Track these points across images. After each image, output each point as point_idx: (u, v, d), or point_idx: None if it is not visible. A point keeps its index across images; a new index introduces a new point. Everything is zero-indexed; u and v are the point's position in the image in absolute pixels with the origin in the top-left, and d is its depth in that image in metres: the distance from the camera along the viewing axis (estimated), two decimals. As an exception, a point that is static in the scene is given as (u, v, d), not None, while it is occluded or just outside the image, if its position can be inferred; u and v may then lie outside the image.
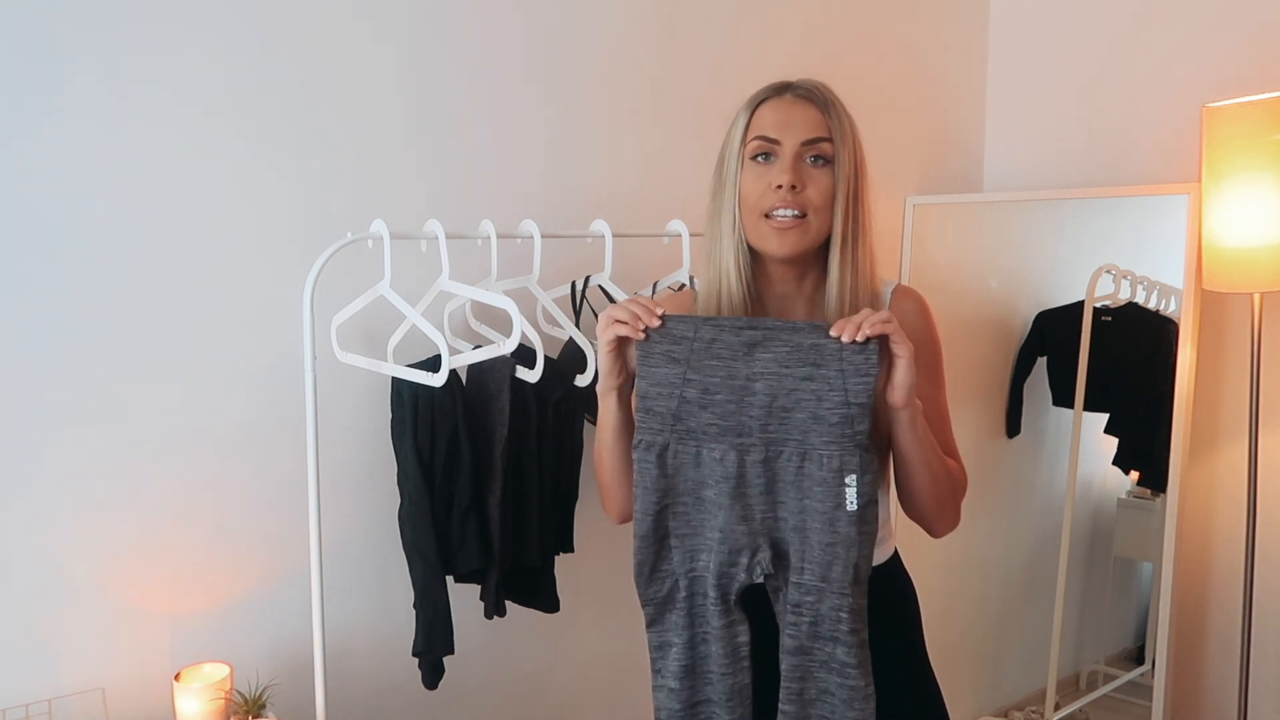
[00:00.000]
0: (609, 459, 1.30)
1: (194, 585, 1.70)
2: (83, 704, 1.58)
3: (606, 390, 1.26)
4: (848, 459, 1.17)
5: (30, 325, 1.53)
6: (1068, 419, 2.56)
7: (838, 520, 1.17)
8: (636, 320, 1.19)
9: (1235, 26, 2.35)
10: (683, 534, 1.23)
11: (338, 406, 1.78)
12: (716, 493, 1.20)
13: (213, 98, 1.65)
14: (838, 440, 1.17)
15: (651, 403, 1.21)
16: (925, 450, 1.25)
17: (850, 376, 1.16)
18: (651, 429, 1.21)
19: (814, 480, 1.18)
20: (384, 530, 1.82)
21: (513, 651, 2.06)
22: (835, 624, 1.18)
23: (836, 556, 1.17)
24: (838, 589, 1.18)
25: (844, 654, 1.19)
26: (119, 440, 1.61)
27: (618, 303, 1.22)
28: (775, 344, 1.19)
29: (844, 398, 1.17)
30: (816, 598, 1.19)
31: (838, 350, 1.17)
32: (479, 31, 1.92)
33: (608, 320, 1.21)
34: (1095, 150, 2.59)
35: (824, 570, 1.18)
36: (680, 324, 1.21)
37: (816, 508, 1.17)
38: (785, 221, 1.23)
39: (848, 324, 1.16)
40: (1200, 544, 2.44)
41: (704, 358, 1.20)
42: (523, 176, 1.99)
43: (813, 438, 1.18)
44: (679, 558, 1.23)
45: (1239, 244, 2.03)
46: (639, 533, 1.22)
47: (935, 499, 1.29)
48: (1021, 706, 2.66)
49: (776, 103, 1.25)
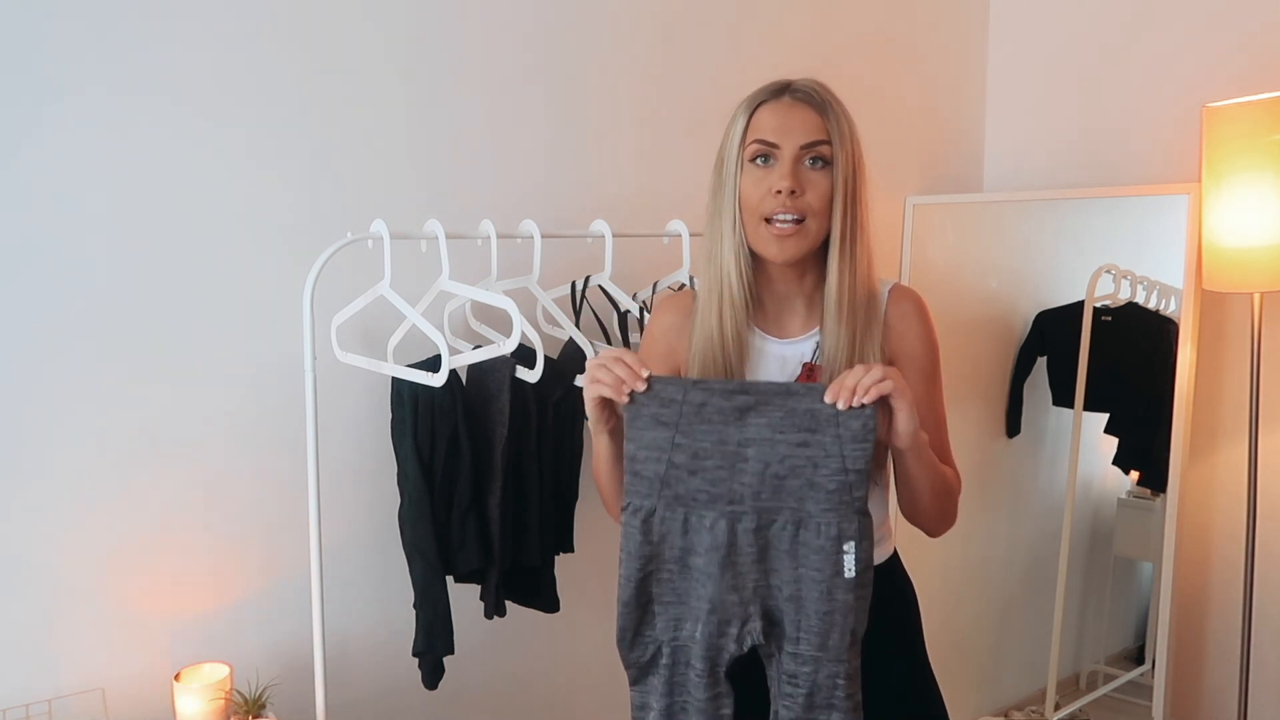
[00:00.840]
0: (607, 481, 1.31)
1: (194, 585, 1.70)
2: (83, 704, 1.58)
3: (597, 433, 1.25)
4: (846, 526, 1.14)
5: (30, 325, 1.53)
6: (1068, 419, 2.56)
7: (836, 588, 1.14)
8: (620, 385, 1.17)
9: (1235, 26, 2.35)
10: (667, 601, 1.20)
11: (338, 406, 1.78)
12: (706, 561, 1.17)
13: (213, 98, 1.65)
14: (836, 508, 1.14)
15: (639, 466, 1.18)
16: (929, 475, 1.25)
17: (847, 443, 1.14)
18: (639, 493, 1.19)
19: (811, 549, 1.15)
20: (384, 530, 1.82)
21: (513, 651, 2.06)
22: (831, 691, 1.16)
23: (834, 624, 1.15)
24: (835, 656, 1.15)
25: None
26: (119, 440, 1.61)
27: (604, 357, 1.19)
28: (768, 409, 1.16)
29: (841, 464, 1.14)
30: (813, 668, 1.16)
31: (833, 415, 1.14)
32: (479, 32, 1.92)
33: (591, 377, 1.19)
34: (1095, 150, 2.59)
35: (821, 639, 1.15)
36: (669, 386, 1.18)
37: (813, 576, 1.15)
38: (785, 229, 1.22)
39: (842, 389, 1.13)
40: (1200, 544, 2.44)
41: (694, 422, 1.17)
42: (523, 177, 1.99)
43: (809, 505, 1.15)
44: (662, 625, 1.20)
45: (1239, 244, 2.03)
46: (621, 598, 1.20)
47: (937, 511, 1.30)
48: (1021, 706, 2.66)
49: (775, 105, 1.25)
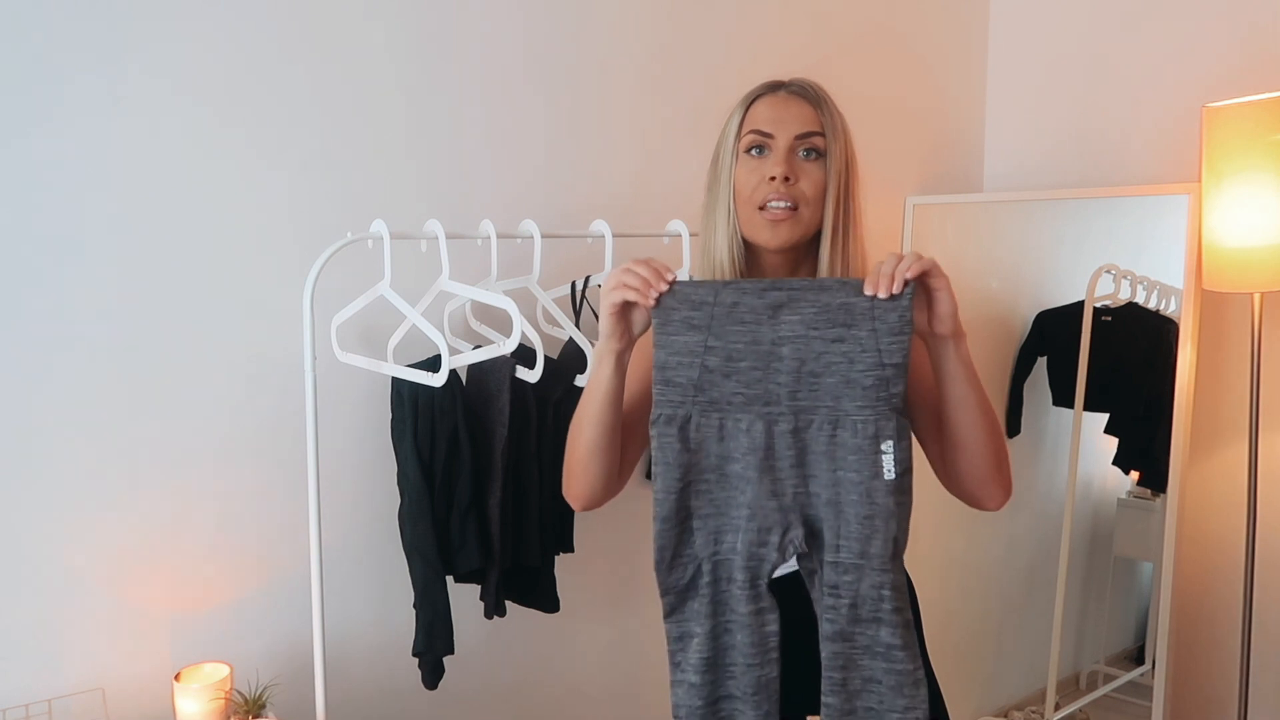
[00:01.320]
0: (591, 429, 1.23)
1: (194, 585, 1.69)
2: (83, 704, 1.58)
3: (605, 353, 1.20)
4: (884, 424, 1.10)
5: (31, 326, 1.53)
6: (1068, 419, 2.56)
7: (875, 491, 1.10)
8: (647, 287, 1.14)
9: (1235, 26, 2.35)
10: (706, 514, 1.16)
11: (338, 406, 1.78)
12: (744, 466, 1.14)
13: (213, 98, 1.65)
14: (872, 405, 1.10)
15: (671, 373, 1.14)
16: (977, 387, 1.18)
17: (884, 336, 1.10)
18: (672, 401, 1.14)
19: (848, 449, 1.11)
20: (384, 530, 1.82)
21: (513, 651, 2.06)
22: (877, 604, 1.12)
23: (875, 530, 1.10)
24: (878, 565, 1.11)
25: (888, 635, 1.12)
26: (119, 440, 1.61)
27: (627, 264, 1.16)
28: (802, 305, 1.12)
29: (878, 359, 1.10)
30: (855, 576, 1.12)
31: (869, 308, 1.10)
32: (479, 31, 1.92)
33: (615, 282, 1.15)
34: (1095, 150, 2.59)
35: (862, 545, 1.11)
36: (698, 288, 1.14)
37: (851, 478, 1.11)
38: (778, 213, 1.24)
39: (880, 277, 1.10)
40: (1200, 544, 2.44)
41: (726, 323, 1.13)
42: (522, 177, 2.00)
43: (845, 403, 1.11)
44: (702, 540, 1.16)
45: (1239, 244, 2.03)
46: (660, 514, 1.16)
47: (992, 451, 1.20)
48: (1021, 706, 2.66)
49: (770, 99, 1.28)
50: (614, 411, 1.23)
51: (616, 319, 1.18)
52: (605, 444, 1.24)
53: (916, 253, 1.12)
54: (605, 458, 1.25)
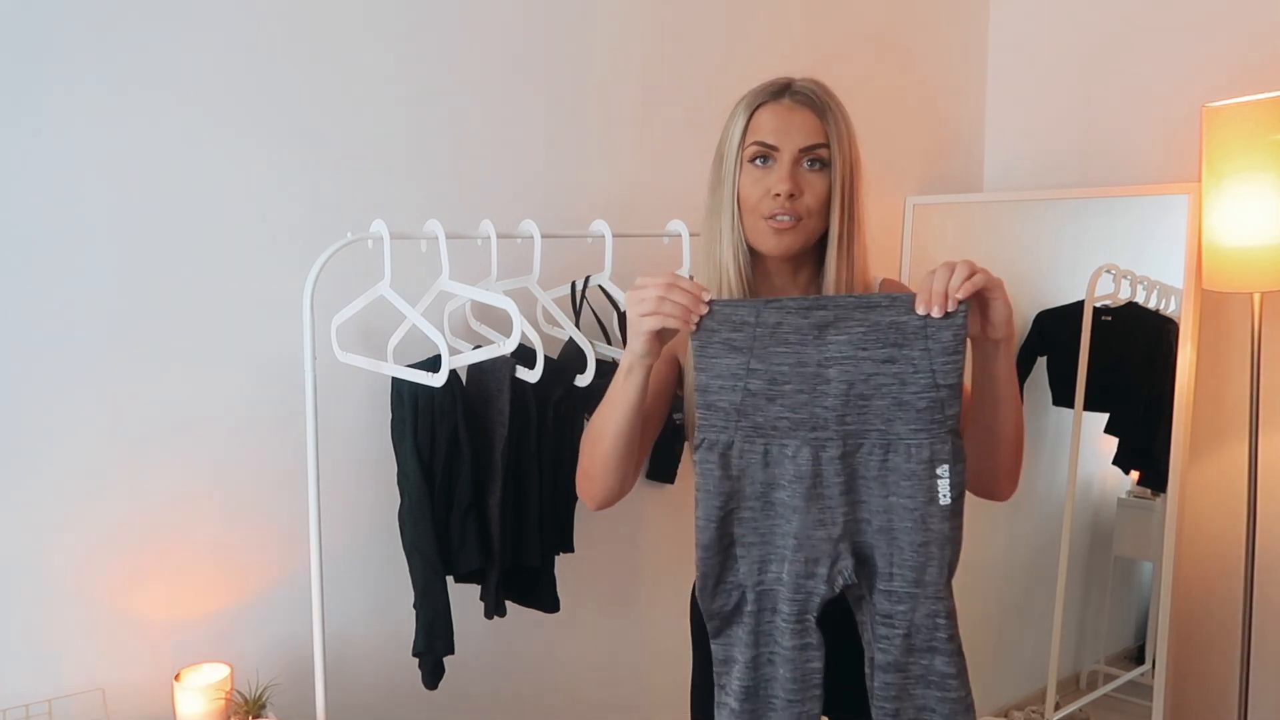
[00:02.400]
0: (614, 438, 1.22)
1: (194, 585, 1.69)
2: (83, 704, 1.58)
3: (637, 366, 1.17)
4: (939, 447, 1.07)
5: (31, 327, 1.52)
6: (1068, 419, 2.56)
7: (930, 516, 1.07)
8: (687, 314, 1.11)
9: (1235, 26, 2.35)
10: (750, 542, 1.13)
11: (338, 406, 1.78)
12: (790, 494, 1.10)
13: (213, 98, 1.65)
14: (926, 428, 1.07)
15: (712, 397, 1.11)
16: (1016, 385, 1.18)
17: (937, 356, 1.06)
18: (714, 426, 1.11)
19: (901, 474, 1.08)
20: (384, 530, 1.82)
21: (513, 651, 2.06)
22: (932, 632, 1.09)
23: (931, 557, 1.07)
24: (933, 593, 1.08)
25: (943, 664, 1.09)
26: (119, 440, 1.61)
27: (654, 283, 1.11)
28: (849, 324, 1.08)
29: (931, 380, 1.06)
30: (910, 606, 1.08)
31: (921, 327, 1.07)
32: (479, 32, 1.92)
33: (651, 308, 1.11)
34: (1095, 150, 2.59)
35: (917, 574, 1.08)
36: (739, 308, 1.11)
37: (905, 504, 1.07)
38: (782, 224, 1.24)
39: (934, 295, 1.06)
40: (1200, 544, 2.44)
41: (769, 344, 1.10)
42: (522, 177, 1.99)
43: (898, 426, 1.07)
44: (746, 568, 1.13)
45: (1239, 244, 2.03)
46: (701, 542, 1.13)
47: (1019, 445, 1.21)
48: (1021, 706, 2.66)
49: (775, 108, 1.26)
50: (639, 419, 1.22)
51: (652, 341, 1.15)
52: (628, 450, 1.24)
53: (969, 264, 1.08)
54: (628, 462, 1.25)
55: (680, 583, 1.54)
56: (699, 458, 1.13)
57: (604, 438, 1.24)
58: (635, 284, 1.15)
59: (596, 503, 1.31)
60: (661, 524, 2.24)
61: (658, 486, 2.20)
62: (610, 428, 1.23)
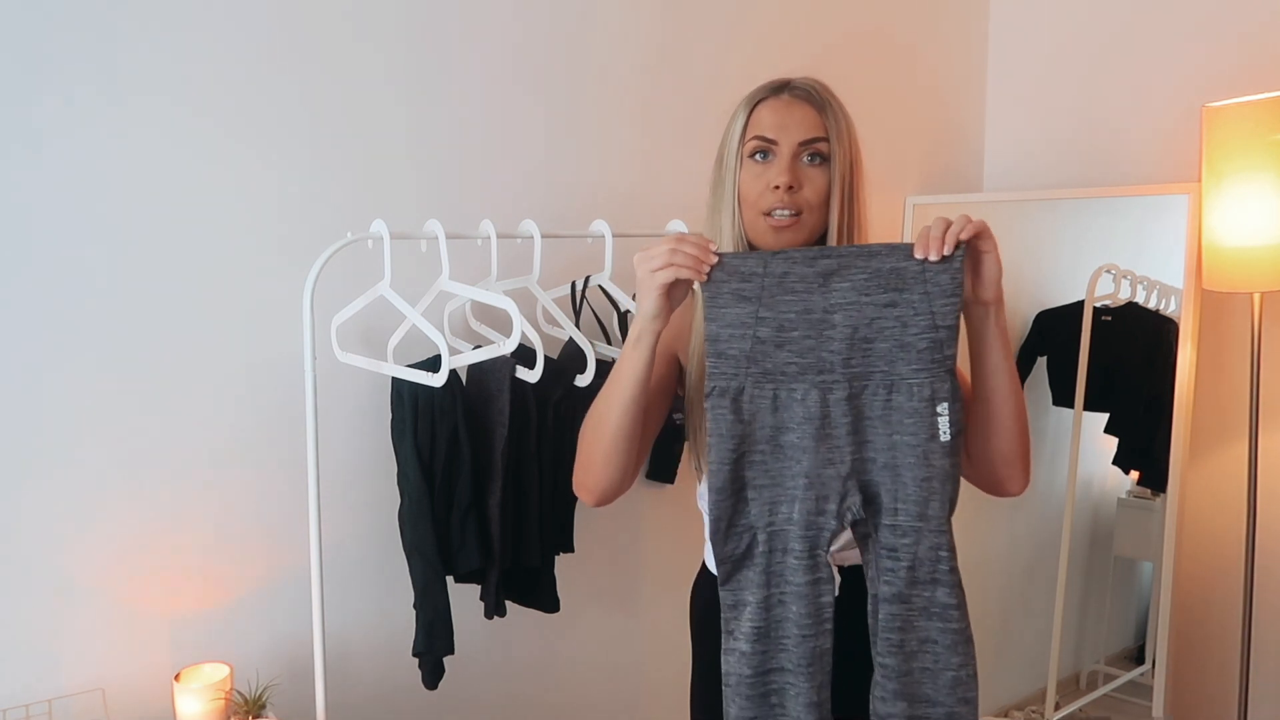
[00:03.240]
0: (619, 416, 1.22)
1: (194, 585, 1.69)
2: (83, 704, 1.58)
3: (646, 333, 1.18)
4: (939, 386, 1.11)
5: (31, 327, 1.53)
6: (1068, 419, 2.56)
7: (932, 453, 1.11)
8: (699, 263, 1.13)
9: (1235, 26, 2.35)
10: (761, 485, 1.16)
11: (338, 406, 1.78)
12: (799, 436, 1.14)
13: (213, 100, 1.65)
14: (927, 367, 1.11)
15: (723, 346, 1.15)
16: (1010, 357, 1.19)
17: (936, 298, 1.11)
18: (725, 374, 1.15)
19: (904, 412, 1.12)
20: (384, 530, 1.82)
21: (513, 651, 2.06)
22: (935, 564, 1.13)
23: (933, 491, 1.12)
24: (935, 526, 1.12)
25: (945, 596, 1.14)
26: (119, 440, 1.61)
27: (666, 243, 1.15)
28: (852, 271, 1.13)
29: (931, 321, 1.11)
30: (914, 539, 1.13)
31: (919, 272, 1.11)
32: (478, 32, 1.92)
33: (663, 261, 1.14)
34: (1095, 150, 2.59)
35: (920, 508, 1.12)
36: (746, 260, 1.15)
37: (908, 441, 1.12)
38: (782, 221, 1.25)
39: (931, 240, 1.11)
40: (1200, 544, 2.44)
41: (776, 293, 1.14)
42: (522, 177, 1.99)
43: (900, 367, 1.12)
44: (757, 510, 1.17)
45: (1239, 244, 2.03)
46: (714, 485, 1.16)
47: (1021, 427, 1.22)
48: (1021, 706, 2.66)
49: (774, 103, 1.27)
50: (644, 393, 1.22)
51: (664, 297, 1.16)
52: (633, 429, 1.23)
53: (965, 215, 1.12)
54: (631, 445, 1.25)
55: (680, 582, 1.54)
56: (710, 404, 1.16)
57: (608, 418, 1.24)
58: (640, 250, 1.17)
59: (595, 495, 1.30)
60: (661, 524, 2.24)
61: (658, 486, 2.20)
62: (615, 405, 1.22)
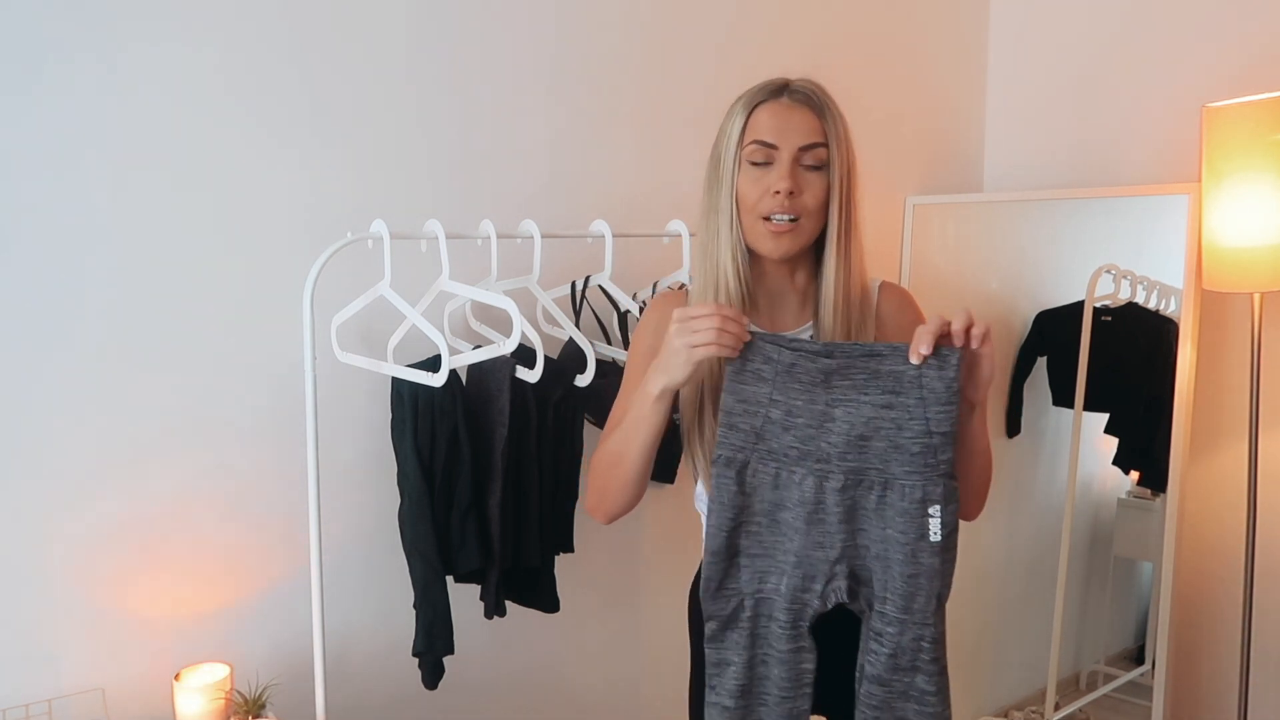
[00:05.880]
0: (636, 461, 1.27)
1: (194, 585, 1.70)
2: (83, 704, 1.58)
3: (669, 391, 1.21)
4: (930, 489, 1.15)
5: (30, 327, 1.53)
6: (1068, 419, 2.56)
7: (920, 551, 1.15)
8: (739, 343, 1.18)
9: (1235, 26, 2.35)
10: (754, 554, 1.21)
11: (338, 406, 1.78)
12: (794, 516, 1.19)
13: (214, 98, 1.65)
14: (920, 470, 1.15)
15: (736, 419, 1.20)
16: (986, 436, 1.25)
17: (931, 405, 1.14)
18: (733, 445, 1.20)
19: (896, 510, 1.16)
20: (384, 530, 1.82)
21: (513, 651, 2.06)
22: (916, 654, 1.17)
23: (919, 588, 1.15)
24: (919, 620, 1.16)
25: (924, 682, 1.18)
26: (119, 441, 1.61)
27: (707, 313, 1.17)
28: (852, 371, 1.17)
29: (925, 427, 1.15)
30: (898, 629, 1.17)
31: (916, 377, 1.14)
32: (480, 32, 1.92)
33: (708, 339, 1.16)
34: (1095, 150, 2.59)
35: (906, 602, 1.16)
36: (768, 344, 1.20)
37: (898, 538, 1.15)
38: (781, 226, 1.25)
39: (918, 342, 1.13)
40: (1200, 544, 2.44)
41: (786, 380, 1.18)
42: (523, 177, 2.00)
43: (894, 467, 1.16)
44: (747, 577, 1.22)
45: (1239, 244, 2.03)
46: (710, 548, 1.21)
47: (985, 484, 1.30)
48: (1021, 706, 2.66)
49: (774, 107, 1.26)
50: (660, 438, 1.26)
51: (697, 369, 1.20)
52: (648, 467, 1.29)
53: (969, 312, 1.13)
54: (646, 477, 1.31)
55: (680, 582, 1.54)
56: (716, 472, 1.21)
57: (626, 461, 1.28)
58: (678, 314, 1.19)
59: (611, 518, 1.36)
60: (661, 524, 2.24)
61: (658, 486, 2.20)
62: (634, 452, 1.27)
